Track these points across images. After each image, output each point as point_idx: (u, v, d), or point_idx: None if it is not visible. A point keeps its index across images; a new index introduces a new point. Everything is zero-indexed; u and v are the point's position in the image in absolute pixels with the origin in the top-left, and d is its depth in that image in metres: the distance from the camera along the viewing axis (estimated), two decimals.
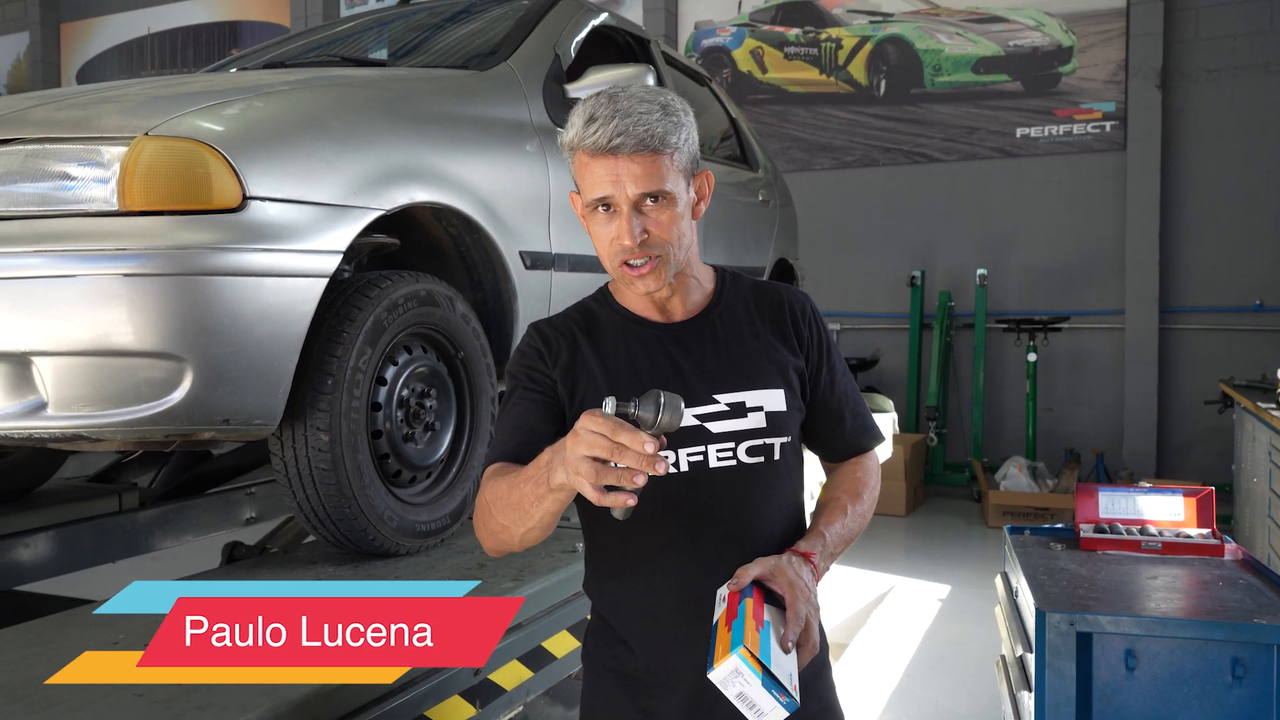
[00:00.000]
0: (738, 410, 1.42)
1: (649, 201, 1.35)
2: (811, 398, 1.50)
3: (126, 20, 12.49)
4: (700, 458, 1.41)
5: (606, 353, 1.46)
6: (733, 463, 1.42)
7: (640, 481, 1.10)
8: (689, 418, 1.37)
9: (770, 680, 1.18)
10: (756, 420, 1.42)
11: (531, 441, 1.35)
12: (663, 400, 1.12)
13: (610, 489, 1.11)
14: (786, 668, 1.22)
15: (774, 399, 1.44)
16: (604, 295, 1.54)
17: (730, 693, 1.18)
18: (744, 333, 1.47)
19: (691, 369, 1.44)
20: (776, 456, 1.44)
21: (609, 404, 1.12)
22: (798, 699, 1.19)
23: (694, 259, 1.48)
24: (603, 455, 1.09)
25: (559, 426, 1.41)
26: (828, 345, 1.52)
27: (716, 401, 1.42)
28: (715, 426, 1.41)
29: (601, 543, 1.49)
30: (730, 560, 1.35)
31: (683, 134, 1.37)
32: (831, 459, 1.58)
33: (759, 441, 1.42)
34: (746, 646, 1.18)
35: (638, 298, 1.48)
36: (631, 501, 1.11)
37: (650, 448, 1.08)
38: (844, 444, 1.55)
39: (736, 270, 1.58)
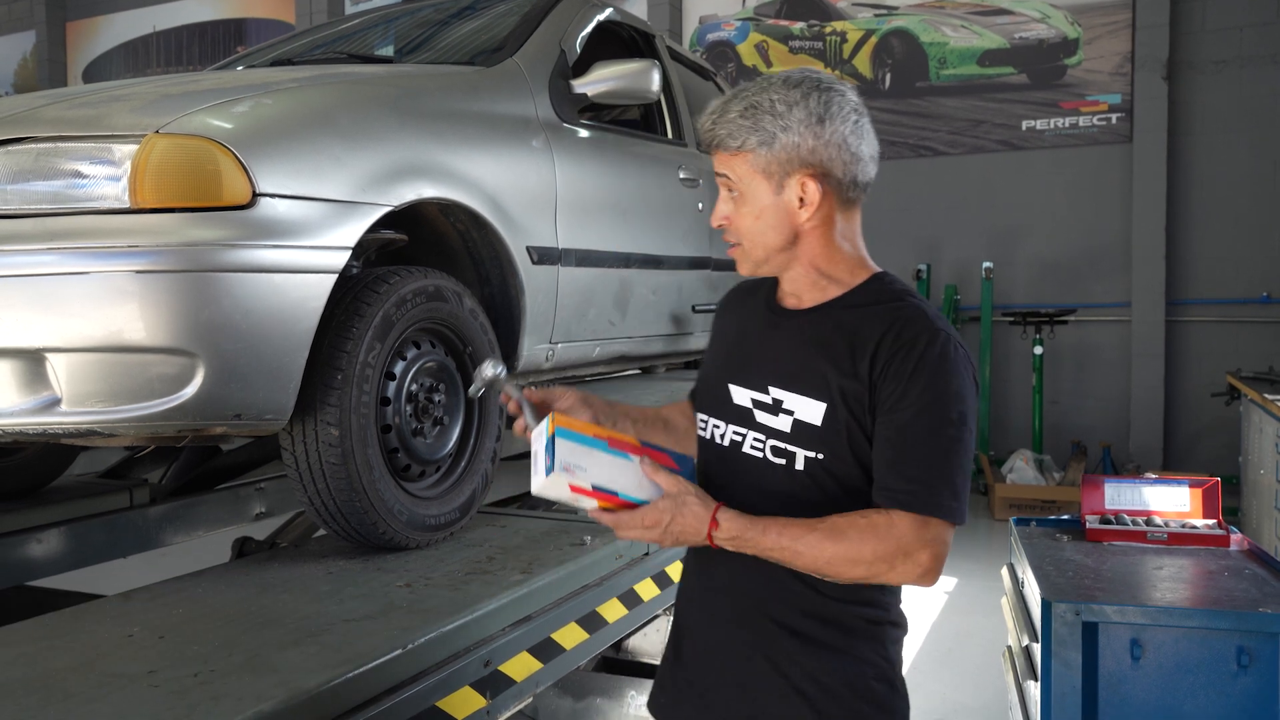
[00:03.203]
0: (775, 407, 1.43)
1: (730, 194, 1.43)
2: (873, 430, 1.37)
3: (132, 18, 12.52)
4: (740, 439, 1.46)
5: (733, 319, 1.58)
6: (760, 455, 1.44)
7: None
8: (744, 397, 1.46)
9: (550, 447, 1.36)
10: (784, 423, 1.41)
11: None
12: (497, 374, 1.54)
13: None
14: (590, 465, 1.37)
15: (809, 409, 1.39)
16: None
17: (535, 447, 1.40)
18: (821, 338, 1.41)
19: (761, 354, 1.47)
20: (799, 467, 1.40)
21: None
22: (554, 470, 1.35)
23: (822, 259, 1.44)
24: None
25: None
26: (904, 381, 1.33)
27: (768, 392, 1.44)
28: (760, 416, 1.44)
29: None
30: None
31: (754, 138, 1.38)
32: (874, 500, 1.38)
33: (782, 445, 1.42)
34: (559, 422, 1.38)
35: (781, 283, 1.52)
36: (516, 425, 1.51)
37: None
38: (879, 490, 1.36)
39: (879, 284, 1.46)
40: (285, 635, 1.72)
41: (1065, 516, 2.72)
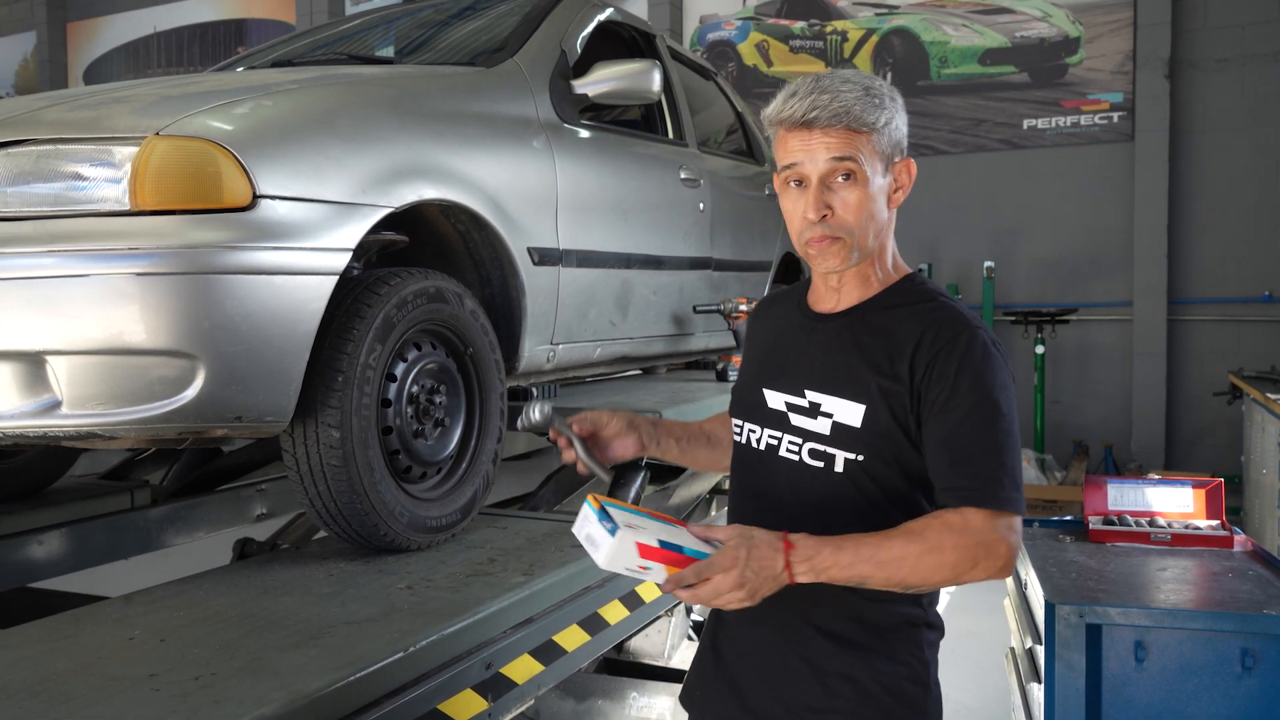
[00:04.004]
0: (813, 410, 1.43)
1: (839, 179, 1.36)
2: (921, 433, 1.36)
3: (132, 19, 12.53)
4: (776, 442, 1.46)
5: (766, 331, 1.58)
6: (796, 458, 1.44)
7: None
8: (779, 401, 1.46)
9: (603, 515, 1.31)
10: (823, 426, 1.41)
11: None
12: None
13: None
14: (641, 524, 1.32)
15: (848, 412, 1.38)
16: (806, 279, 1.59)
17: (580, 535, 1.33)
18: (857, 341, 1.41)
19: (798, 359, 1.48)
20: (838, 469, 1.39)
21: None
22: (622, 528, 1.28)
23: (883, 253, 1.45)
24: None
25: None
26: (949, 380, 1.33)
27: (804, 396, 1.44)
28: (795, 419, 1.44)
29: None
30: None
31: (883, 116, 1.36)
32: (937, 504, 1.37)
33: (820, 447, 1.41)
34: (595, 495, 1.35)
35: (817, 284, 1.52)
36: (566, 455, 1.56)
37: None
38: (941, 492, 1.34)
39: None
40: (286, 638, 1.72)
41: (1068, 517, 2.72)
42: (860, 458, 1.38)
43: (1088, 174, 8.10)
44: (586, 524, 1.32)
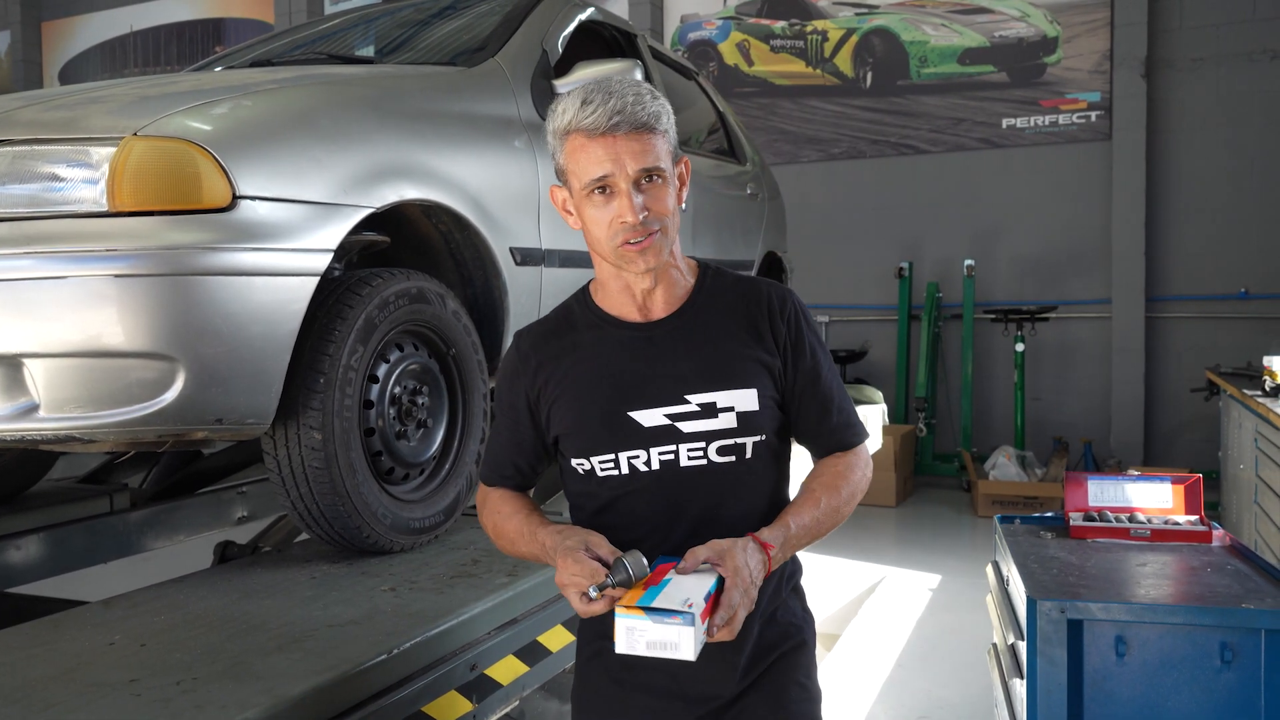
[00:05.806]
0: (709, 411, 1.43)
1: (645, 181, 1.39)
2: (788, 393, 1.49)
3: (108, 18, 12.41)
4: (671, 456, 1.43)
5: (583, 357, 1.49)
6: (703, 462, 1.44)
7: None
8: (656, 417, 1.43)
9: (659, 613, 1.22)
10: (728, 420, 1.43)
11: (513, 473, 1.57)
12: (627, 564, 1.29)
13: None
14: (677, 596, 1.25)
15: (746, 399, 1.44)
16: (584, 296, 1.55)
17: (640, 650, 1.22)
18: (718, 331, 1.47)
19: (664, 370, 1.45)
20: (748, 455, 1.45)
21: (592, 591, 1.28)
22: (695, 612, 1.22)
23: (677, 250, 1.51)
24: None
25: (538, 436, 1.54)
26: (807, 340, 1.49)
27: (688, 402, 1.43)
28: (686, 426, 1.43)
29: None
30: None
31: (669, 118, 1.44)
32: (817, 454, 1.55)
33: (730, 441, 1.43)
34: (622, 604, 1.25)
35: (618, 296, 1.49)
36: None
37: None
38: (827, 439, 1.52)
39: (721, 265, 1.58)
40: (269, 641, 1.71)
41: (1049, 514, 2.73)
42: (764, 437, 1.46)
43: (1066, 173, 8.16)
44: (643, 634, 1.21)
